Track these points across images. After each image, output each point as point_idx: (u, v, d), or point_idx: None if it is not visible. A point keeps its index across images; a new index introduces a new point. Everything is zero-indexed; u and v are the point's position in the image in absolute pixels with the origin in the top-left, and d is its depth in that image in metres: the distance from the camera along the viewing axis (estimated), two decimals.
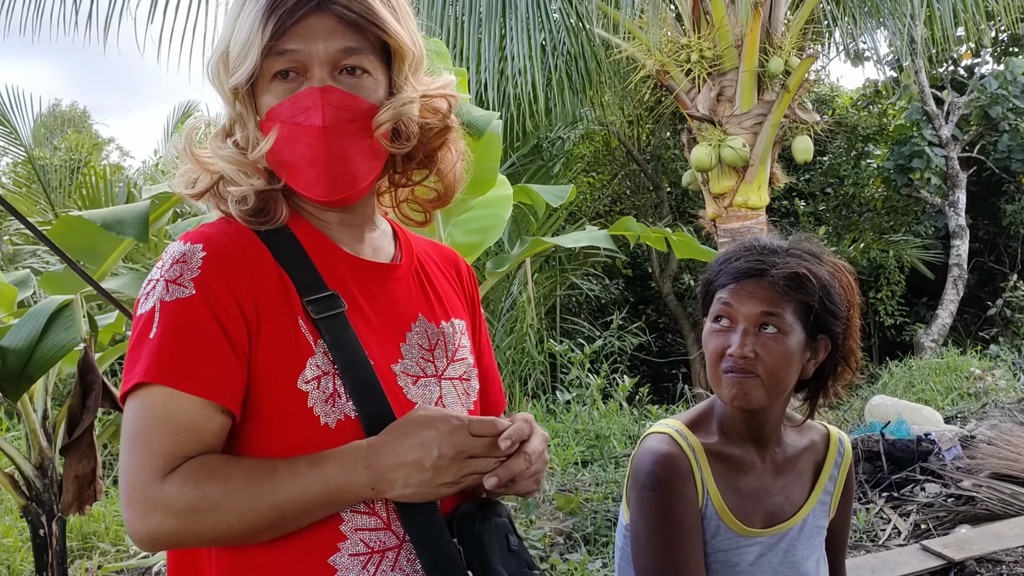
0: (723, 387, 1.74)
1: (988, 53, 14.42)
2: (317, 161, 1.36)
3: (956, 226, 13.42)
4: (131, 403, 1.27)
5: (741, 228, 7.06)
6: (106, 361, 3.98)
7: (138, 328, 1.29)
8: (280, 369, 1.31)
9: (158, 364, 1.25)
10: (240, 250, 1.34)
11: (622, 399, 8.36)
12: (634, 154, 14.54)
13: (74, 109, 24.01)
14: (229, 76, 1.36)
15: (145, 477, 1.22)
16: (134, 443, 1.24)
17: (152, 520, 1.21)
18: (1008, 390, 8.79)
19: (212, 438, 1.27)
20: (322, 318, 1.34)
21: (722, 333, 1.74)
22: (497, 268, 5.05)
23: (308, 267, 1.38)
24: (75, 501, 3.52)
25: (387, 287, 1.48)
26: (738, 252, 1.79)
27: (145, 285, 1.33)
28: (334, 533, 1.31)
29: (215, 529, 1.24)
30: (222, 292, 1.29)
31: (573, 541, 5.38)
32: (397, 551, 1.35)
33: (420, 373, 1.45)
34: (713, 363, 1.75)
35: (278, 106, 1.36)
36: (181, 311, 1.27)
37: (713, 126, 7.29)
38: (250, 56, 1.32)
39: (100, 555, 5.86)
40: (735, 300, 1.73)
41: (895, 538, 5.07)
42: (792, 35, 7.30)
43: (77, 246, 3.64)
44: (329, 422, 1.31)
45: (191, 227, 1.59)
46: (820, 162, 14.88)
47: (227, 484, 1.23)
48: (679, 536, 1.73)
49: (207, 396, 1.25)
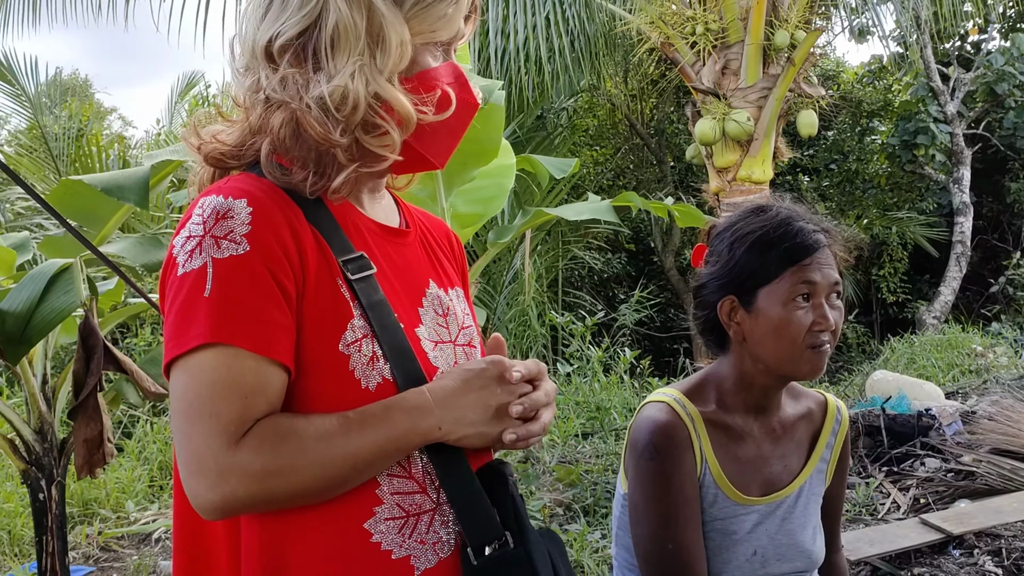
0: (805, 362, 1.73)
1: (995, 29, 14.32)
2: (457, 134, 1.43)
3: (960, 203, 13.38)
4: (187, 367, 1.20)
5: (744, 203, 7.03)
6: (106, 327, 3.98)
7: (186, 288, 1.22)
8: (326, 330, 1.29)
9: (220, 323, 1.20)
10: (279, 208, 1.29)
11: (623, 372, 8.37)
12: (638, 128, 14.50)
13: (75, 78, 23.90)
14: (431, 27, 1.36)
15: (217, 443, 1.17)
16: (198, 410, 1.19)
17: (227, 487, 1.17)
18: (1009, 367, 8.79)
19: (276, 398, 1.24)
20: (357, 279, 1.33)
21: (802, 310, 1.72)
22: (499, 239, 5.03)
23: (336, 227, 1.36)
24: (86, 464, 3.51)
25: (402, 251, 1.47)
26: (783, 227, 1.76)
27: (183, 243, 1.25)
28: (371, 497, 1.29)
29: (290, 490, 1.21)
30: (275, 248, 1.25)
31: (572, 512, 5.39)
32: (432, 514, 1.33)
33: (438, 338, 1.44)
34: (796, 339, 1.72)
35: (440, 69, 1.38)
36: (238, 268, 1.22)
37: (718, 99, 7.26)
38: (456, 19, 1.37)
39: (101, 521, 5.89)
40: (815, 274, 1.72)
41: (894, 512, 5.08)
42: (799, 8, 7.25)
43: (77, 210, 3.62)
44: (369, 385, 1.29)
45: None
46: (824, 137, 14.82)
47: (301, 443, 1.21)
48: (677, 505, 1.73)
49: (271, 355, 1.22)
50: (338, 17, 1.29)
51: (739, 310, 1.78)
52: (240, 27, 1.39)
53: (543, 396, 1.38)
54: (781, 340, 1.73)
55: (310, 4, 1.30)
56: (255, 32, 1.35)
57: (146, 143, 15.93)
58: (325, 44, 1.30)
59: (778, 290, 1.73)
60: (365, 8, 1.29)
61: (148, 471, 6.62)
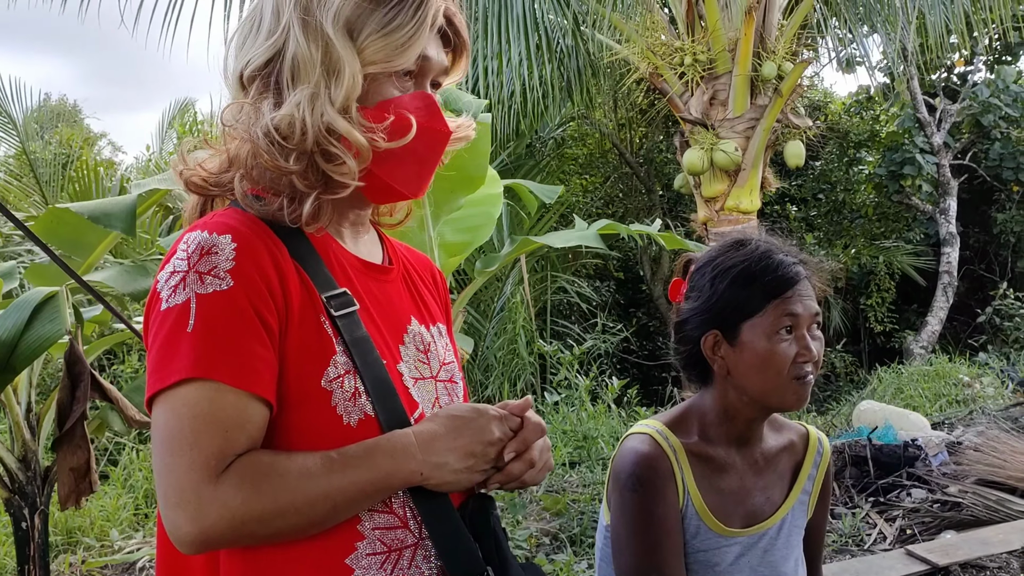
0: (791, 393, 1.75)
1: (981, 61, 14.46)
2: (431, 163, 1.44)
3: (947, 233, 13.46)
4: (169, 401, 1.21)
5: (733, 232, 7.06)
6: (91, 355, 3.97)
7: (169, 322, 1.23)
8: (308, 365, 1.29)
9: (202, 358, 1.21)
10: (263, 243, 1.31)
11: (610, 401, 8.36)
12: (627, 156, 14.56)
13: (63, 103, 23.90)
14: (386, 57, 1.35)
15: (197, 476, 1.18)
16: (179, 442, 1.19)
17: (206, 521, 1.17)
18: (996, 397, 8.81)
19: (258, 432, 1.24)
20: (340, 315, 1.34)
21: (786, 342, 1.73)
22: (487, 267, 5.04)
23: (319, 263, 1.37)
24: (72, 494, 3.49)
25: (384, 288, 1.48)
26: (763, 261, 1.78)
27: (167, 278, 1.26)
28: (352, 533, 1.30)
29: (270, 526, 1.21)
30: (259, 284, 1.26)
31: (559, 542, 5.38)
32: (414, 549, 1.34)
33: (419, 375, 1.46)
34: (780, 371, 1.73)
35: (406, 98, 1.38)
36: (221, 303, 1.23)
37: (706, 129, 7.31)
38: (414, 49, 1.36)
39: (84, 550, 5.84)
40: (797, 307, 1.74)
41: (881, 543, 5.08)
42: (786, 40, 7.32)
43: (64, 238, 3.62)
44: (351, 421, 1.30)
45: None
46: (812, 167, 14.90)
47: (283, 481, 1.21)
48: (660, 536, 1.73)
49: (253, 390, 1.22)
50: (296, 48, 1.32)
51: (723, 344, 1.79)
52: (225, 54, 1.42)
53: (532, 435, 1.42)
54: (767, 372, 1.74)
55: (275, 35, 1.34)
56: (233, 60, 1.39)
57: (136, 169, 15.91)
58: (287, 74, 1.33)
59: (762, 323, 1.74)
60: (321, 40, 1.32)
61: (133, 499, 6.57)
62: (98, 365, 8.87)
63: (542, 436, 1.45)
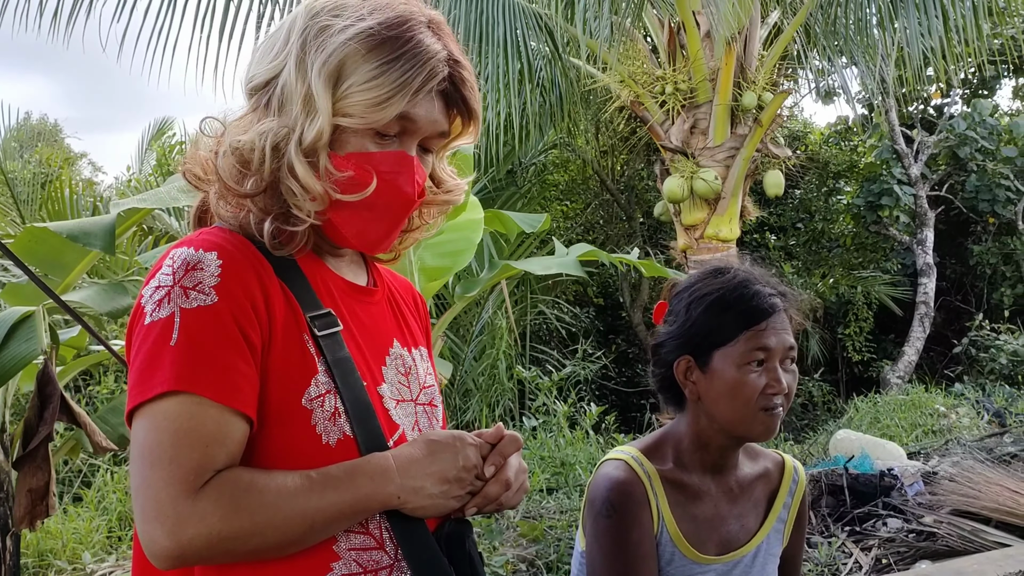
0: (758, 424, 1.75)
1: (958, 94, 14.63)
2: (388, 222, 1.42)
3: (924, 264, 13.56)
4: (149, 414, 1.21)
5: (712, 260, 7.09)
6: (67, 375, 3.94)
7: (152, 336, 1.24)
8: (290, 384, 1.30)
9: (185, 371, 1.21)
10: (249, 261, 1.32)
11: (588, 427, 8.35)
12: (608, 183, 14.62)
13: (43, 123, 23.78)
14: (362, 112, 1.32)
15: (175, 491, 1.17)
16: (159, 456, 1.19)
17: (183, 536, 1.17)
18: (971, 428, 8.85)
19: (237, 448, 1.24)
20: (323, 336, 1.35)
21: (756, 373, 1.74)
22: (467, 292, 5.04)
23: (305, 283, 1.38)
24: (27, 515, 3.45)
25: (368, 310, 1.49)
26: (739, 290, 1.79)
27: (152, 292, 1.27)
28: (328, 552, 1.30)
29: (247, 543, 1.21)
30: (243, 301, 1.27)
31: (536, 568, 5.35)
32: (389, 570, 1.34)
33: (399, 397, 1.46)
34: (749, 401, 1.74)
35: (379, 155, 1.36)
36: (205, 319, 1.24)
37: (686, 158, 7.36)
38: (391, 108, 1.32)
39: (56, 573, 5.77)
40: (771, 339, 1.74)
41: (856, 572, 5.08)
42: (766, 70, 7.39)
43: (42, 257, 3.60)
44: (330, 441, 1.31)
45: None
46: (792, 196, 15.00)
47: (261, 498, 1.21)
48: (634, 563, 1.74)
49: (234, 405, 1.23)
50: (287, 79, 1.34)
51: (695, 370, 1.80)
52: (248, 61, 1.45)
53: (508, 447, 1.44)
54: (735, 401, 1.75)
55: (277, 60, 1.36)
56: (247, 69, 1.41)
57: (116, 189, 15.83)
58: (275, 101, 1.35)
59: (733, 352, 1.75)
60: (305, 80, 1.32)
61: (107, 522, 6.51)
62: (74, 386, 8.80)
63: (518, 449, 1.46)
